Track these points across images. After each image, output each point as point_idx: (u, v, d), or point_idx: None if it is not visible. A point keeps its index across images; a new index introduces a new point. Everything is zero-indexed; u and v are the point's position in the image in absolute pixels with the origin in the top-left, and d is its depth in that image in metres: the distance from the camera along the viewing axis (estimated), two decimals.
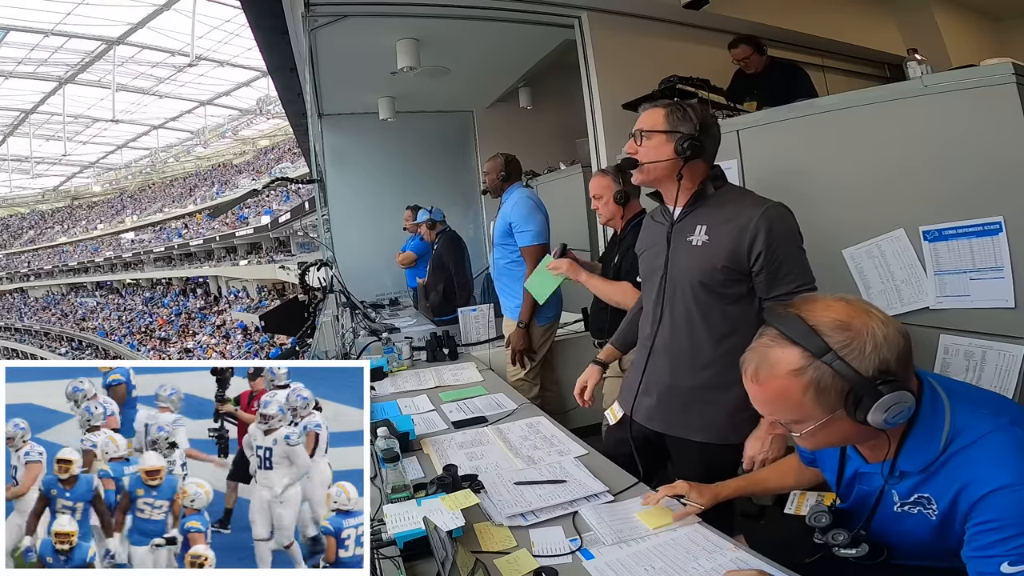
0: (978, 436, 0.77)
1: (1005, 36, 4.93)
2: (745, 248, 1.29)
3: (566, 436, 1.58)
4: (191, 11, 21.12)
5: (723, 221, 1.33)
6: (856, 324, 0.77)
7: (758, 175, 2.23)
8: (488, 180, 2.80)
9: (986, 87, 1.52)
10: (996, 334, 1.57)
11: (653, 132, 1.37)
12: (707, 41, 3.54)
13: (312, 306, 2.83)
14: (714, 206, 1.37)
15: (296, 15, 3.11)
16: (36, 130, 30.16)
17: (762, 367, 0.80)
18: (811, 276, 1.32)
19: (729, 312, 1.36)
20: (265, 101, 25.99)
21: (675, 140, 1.34)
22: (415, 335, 2.94)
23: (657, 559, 1.01)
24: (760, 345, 0.82)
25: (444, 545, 0.88)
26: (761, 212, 1.29)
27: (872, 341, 0.76)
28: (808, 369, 0.77)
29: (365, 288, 4.63)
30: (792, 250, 1.31)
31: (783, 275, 1.29)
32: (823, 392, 0.77)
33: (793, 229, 1.33)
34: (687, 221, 1.40)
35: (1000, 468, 0.74)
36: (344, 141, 5.15)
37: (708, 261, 1.34)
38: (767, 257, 1.28)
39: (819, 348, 0.76)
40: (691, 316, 1.39)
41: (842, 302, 0.80)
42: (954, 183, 1.63)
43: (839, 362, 0.75)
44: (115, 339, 27.76)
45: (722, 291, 1.35)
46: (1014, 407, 0.85)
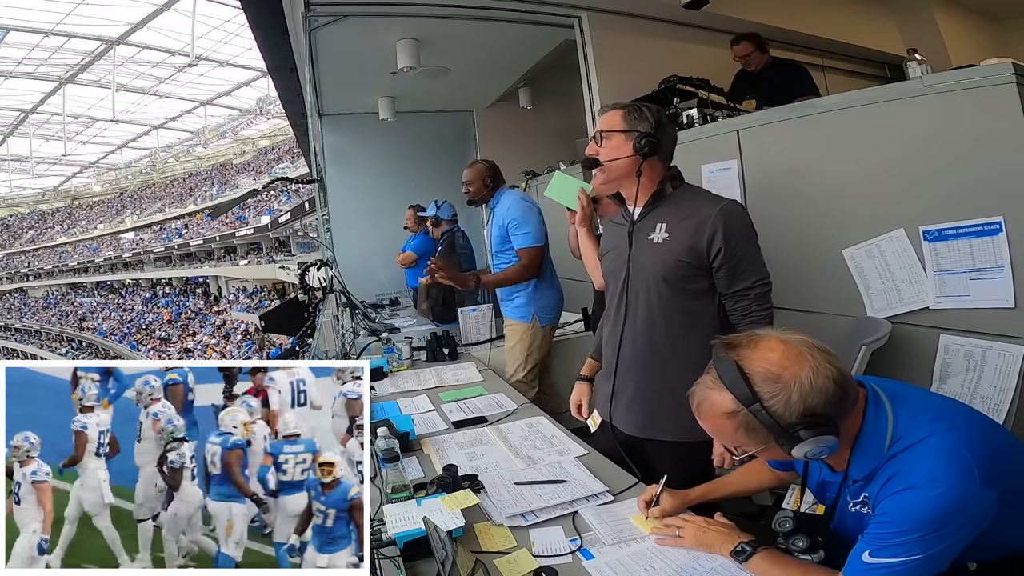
0: (914, 441, 0.83)
1: (1005, 36, 4.94)
2: (704, 244, 1.34)
3: (566, 436, 1.58)
4: (191, 11, 21.11)
5: (682, 218, 1.38)
6: (786, 376, 0.83)
7: (758, 175, 2.23)
8: (472, 189, 2.69)
9: (986, 87, 1.52)
10: (996, 334, 1.58)
11: (612, 132, 1.42)
12: (707, 41, 3.55)
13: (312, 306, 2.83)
14: (672, 205, 1.42)
15: (296, 15, 3.11)
16: (36, 130, 30.16)
17: (702, 405, 0.90)
18: (766, 271, 1.39)
19: (691, 308, 1.40)
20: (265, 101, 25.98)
21: (633, 138, 1.39)
22: (415, 335, 2.94)
23: (657, 559, 1.01)
24: (702, 384, 0.90)
25: (444, 545, 0.88)
26: (718, 210, 1.34)
27: (799, 391, 0.82)
28: (738, 414, 0.85)
29: (365, 288, 4.63)
30: (749, 247, 1.37)
31: (741, 271, 1.35)
32: (752, 432, 0.86)
33: (748, 226, 1.39)
34: (647, 220, 1.44)
35: (918, 472, 0.80)
36: (344, 141, 5.15)
37: (670, 256, 1.38)
38: (726, 254, 1.33)
39: (746, 398, 0.84)
40: (654, 315, 1.42)
41: (781, 348, 0.85)
42: (954, 183, 1.63)
43: (763, 412, 0.83)
44: (115, 339, 27.76)
45: (684, 286, 1.39)
46: (956, 412, 0.88)
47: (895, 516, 0.80)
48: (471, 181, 2.69)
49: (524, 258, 2.53)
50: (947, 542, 0.78)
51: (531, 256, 2.51)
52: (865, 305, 1.89)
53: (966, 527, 0.78)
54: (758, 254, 1.38)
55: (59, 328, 31.53)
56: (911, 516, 0.78)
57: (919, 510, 0.77)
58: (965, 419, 0.87)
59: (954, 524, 0.77)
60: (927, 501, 0.77)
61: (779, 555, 0.94)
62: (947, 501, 0.76)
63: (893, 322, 1.79)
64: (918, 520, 0.77)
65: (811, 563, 0.93)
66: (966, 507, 0.77)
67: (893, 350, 1.75)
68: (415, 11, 3.21)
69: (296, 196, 21.56)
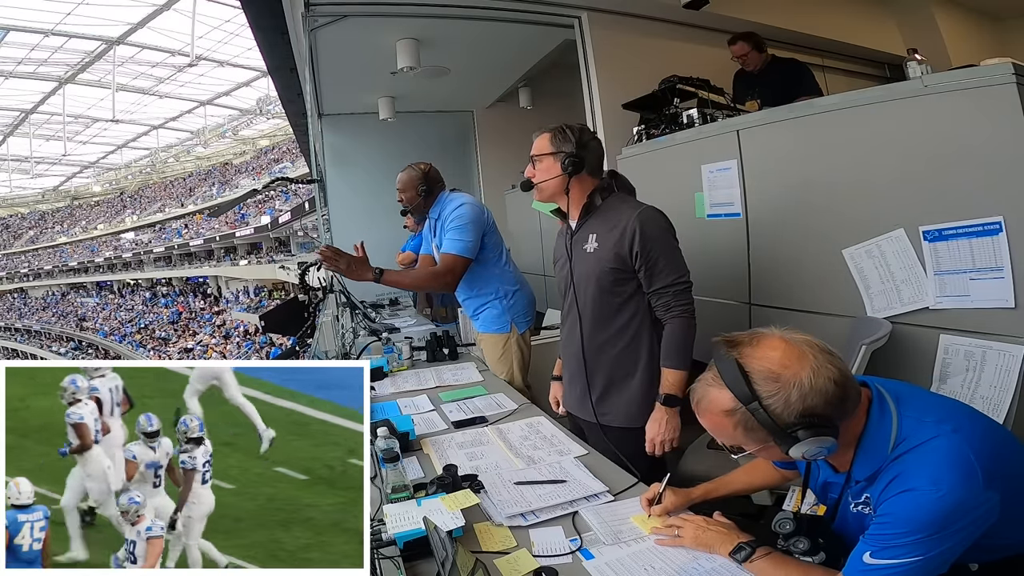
0: (918, 443, 0.82)
1: (1005, 36, 4.94)
2: (626, 249, 1.48)
3: (566, 436, 1.58)
4: (191, 11, 21.11)
5: (608, 228, 1.53)
6: (786, 375, 0.83)
7: (758, 175, 2.23)
8: (404, 198, 2.41)
9: (986, 87, 1.52)
10: (996, 334, 1.57)
11: (542, 155, 1.58)
12: (707, 41, 3.54)
13: (312, 306, 2.83)
14: (601, 215, 1.57)
15: (296, 15, 3.11)
16: (36, 130, 30.15)
17: (702, 402, 0.91)
18: (684, 270, 1.51)
19: (624, 309, 1.55)
20: (265, 101, 25.99)
21: (559, 159, 1.55)
22: (415, 335, 2.94)
23: (657, 559, 1.01)
24: (703, 381, 0.91)
25: (444, 545, 0.88)
26: (635, 215, 1.48)
27: (798, 391, 0.82)
28: (736, 412, 0.86)
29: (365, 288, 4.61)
30: (664, 248, 1.49)
31: (659, 270, 1.48)
32: (751, 431, 0.86)
33: (663, 228, 1.51)
34: (582, 232, 1.60)
35: (921, 473, 0.79)
36: (344, 141, 5.15)
37: (599, 265, 1.53)
38: (643, 256, 1.47)
39: (745, 397, 0.84)
40: (593, 316, 1.58)
41: (782, 347, 0.85)
42: (954, 183, 1.63)
43: (761, 411, 0.83)
44: (115, 339, 27.76)
45: (615, 289, 1.54)
46: (961, 414, 0.88)
47: (897, 517, 0.79)
48: (403, 188, 2.41)
49: (443, 264, 2.25)
50: (948, 544, 0.77)
51: (452, 265, 2.23)
52: (865, 305, 1.89)
53: (968, 529, 0.78)
54: (676, 254, 1.51)
55: (59, 328, 31.53)
56: (913, 517, 0.77)
57: (921, 512, 0.77)
58: (969, 420, 0.86)
59: (956, 526, 0.77)
60: (929, 503, 0.77)
61: (778, 555, 0.94)
62: (949, 503, 0.76)
63: (893, 322, 1.78)
64: (920, 521, 0.77)
65: (811, 564, 0.92)
66: (968, 509, 0.77)
67: (893, 350, 1.75)
68: (415, 11, 3.20)
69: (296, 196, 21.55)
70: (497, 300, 2.36)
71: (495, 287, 2.36)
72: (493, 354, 2.38)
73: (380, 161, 5.17)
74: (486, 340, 2.41)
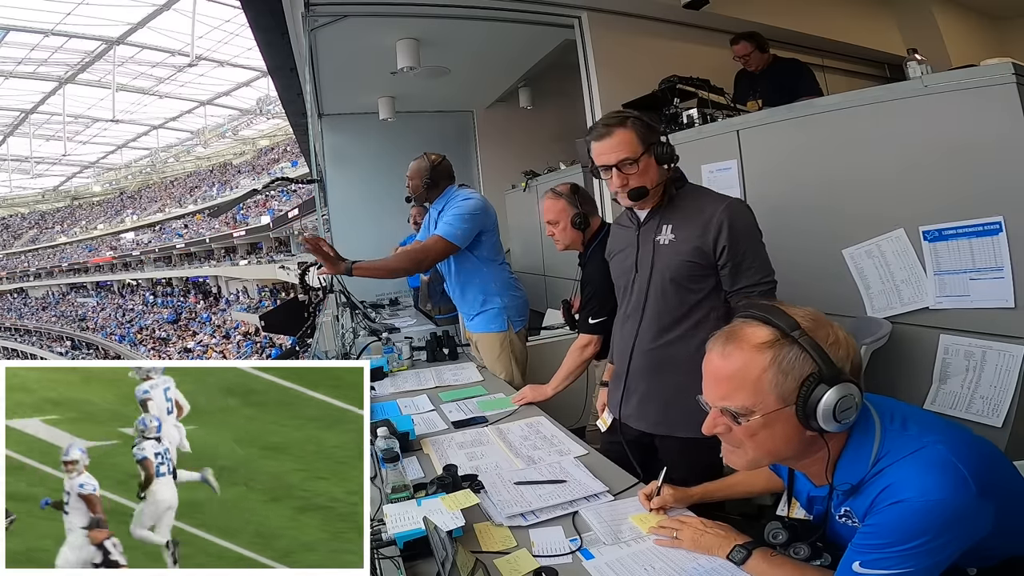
0: (902, 455, 0.79)
1: (1005, 36, 4.94)
2: (710, 242, 1.35)
3: (566, 436, 1.58)
4: (191, 11, 21.11)
5: (687, 219, 1.39)
6: (824, 322, 0.82)
7: (758, 175, 2.23)
8: (411, 185, 2.43)
9: (986, 87, 1.53)
10: (996, 334, 1.58)
11: (637, 157, 1.37)
12: (707, 41, 3.54)
13: (312, 306, 2.83)
14: (676, 205, 1.43)
15: (296, 15, 3.11)
16: (36, 130, 30.15)
17: (731, 339, 0.83)
18: (771, 269, 1.38)
19: (698, 307, 1.41)
20: (265, 101, 25.96)
21: (655, 153, 1.38)
22: (415, 335, 2.94)
23: (657, 559, 1.01)
24: (731, 326, 0.85)
25: (444, 545, 0.88)
26: (723, 207, 1.35)
27: (837, 339, 0.81)
28: (775, 344, 0.79)
29: (365, 288, 4.62)
30: (754, 244, 1.36)
31: (746, 268, 1.34)
32: (783, 373, 0.79)
33: (753, 223, 1.38)
34: (653, 221, 1.45)
35: (908, 483, 0.76)
36: (344, 141, 5.16)
37: (676, 257, 1.39)
38: (731, 250, 1.33)
39: (790, 325, 0.79)
40: (662, 314, 1.43)
41: (811, 314, 0.84)
42: (954, 183, 1.63)
43: (807, 338, 0.78)
44: (115, 339, 27.76)
45: (691, 286, 1.40)
46: (944, 427, 0.85)
47: (886, 527, 0.77)
48: (411, 176, 2.44)
49: (424, 243, 2.24)
50: (938, 556, 0.75)
51: (432, 245, 2.19)
52: (865, 305, 1.89)
53: (959, 539, 0.75)
54: (763, 252, 1.38)
55: (59, 328, 31.53)
56: (902, 527, 0.75)
57: (913, 522, 0.75)
58: (953, 432, 0.84)
59: (946, 536, 0.74)
60: (918, 512, 0.74)
61: (776, 557, 0.93)
62: (942, 512, 0.74)
63: (893, 322, 1.79)
64: (909, 532, 0.75)
65: (807, 565, 0.91)
66: (961, 517, 0.74)
67: (893, 350, 1.75)
68: (415, 11, 3.21)
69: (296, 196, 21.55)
70: (497, 299, 2.40)
71: (495, 287, 2.40)
72: (491, 353, 2.40)
73: (380, 161, 5.18)
74: (483, 339, 2.44)
